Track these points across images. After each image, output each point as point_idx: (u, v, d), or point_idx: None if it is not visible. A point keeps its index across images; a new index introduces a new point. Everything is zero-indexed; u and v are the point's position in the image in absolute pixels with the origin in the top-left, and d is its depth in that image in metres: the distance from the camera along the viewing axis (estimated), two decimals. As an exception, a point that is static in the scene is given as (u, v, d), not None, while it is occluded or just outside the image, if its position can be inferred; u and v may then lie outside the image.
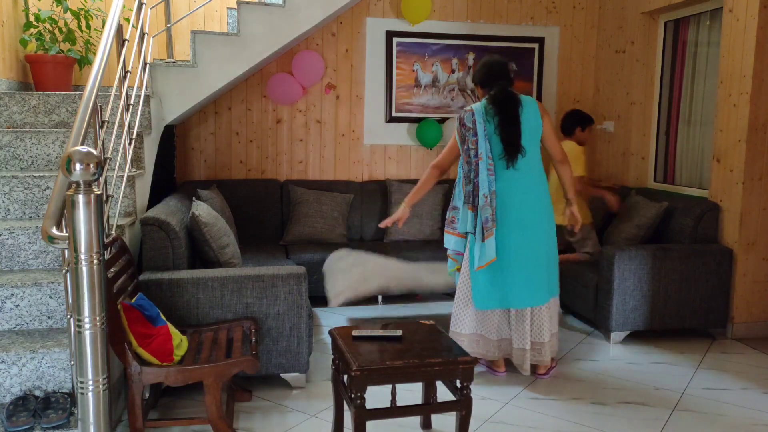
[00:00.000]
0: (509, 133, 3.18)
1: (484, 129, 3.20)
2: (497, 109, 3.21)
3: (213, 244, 3.30)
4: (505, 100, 3.23)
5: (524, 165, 3.22)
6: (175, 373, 2.48)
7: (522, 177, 3.23)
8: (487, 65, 3.37)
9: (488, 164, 3.19)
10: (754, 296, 4.02)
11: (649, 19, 4.91)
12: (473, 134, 3.22)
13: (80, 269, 1.82)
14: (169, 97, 4.05)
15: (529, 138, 3.22)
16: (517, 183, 3.23)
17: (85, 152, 1.81)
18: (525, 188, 3.24)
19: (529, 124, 3.23)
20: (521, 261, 3.24)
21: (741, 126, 3.91)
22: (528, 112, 3.24)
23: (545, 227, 3.30)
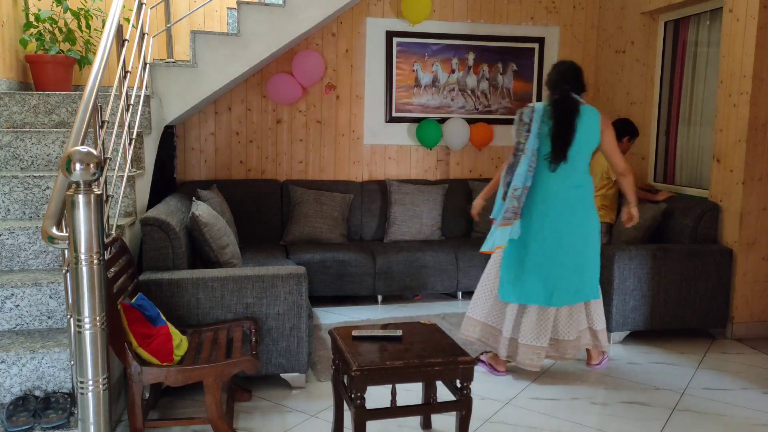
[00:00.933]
0: (559, 140, 3.22)
1: (538, 128, 3.25)
2: (554, 114, 3.25)
3: (213, 244, 3.30)
4: (564, 106, 3.26)
5: (565, 171, 3.26)
6: (175, 373, 2.48)
7: (561, 182, 3.27)
8: (557, 69, 3.39)
9: (531, 161, 3.24)
10: (754, 296, 4.02)
11: (649, 19, 4.92)
12: (527, 130, 3.27)
13: (80, 269, 1.82)
14: (169, 97, 4.05)
15: (579, 147, 3.24)
16: (556, 187, 3.27)
17: (85, 152, 1.80)
18: (561, 193, 3.27)
19: (582, 133, 3.24)
20: (539, 261, 3.27)
21: (741, 126, 3.91)
22: (586, 122, 3.25)
23: (578, 233, 3.30)
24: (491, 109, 5.51)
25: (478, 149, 5.52)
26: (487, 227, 3.48)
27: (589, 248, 3.34)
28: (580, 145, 3.24)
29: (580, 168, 3.29)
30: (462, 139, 5.32)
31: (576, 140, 3.22)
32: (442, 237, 5.11)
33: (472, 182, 5.29)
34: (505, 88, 5.52)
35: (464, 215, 5.24)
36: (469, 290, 4.80)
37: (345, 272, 4.52)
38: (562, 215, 3.27)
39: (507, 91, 5.52)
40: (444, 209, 5.15)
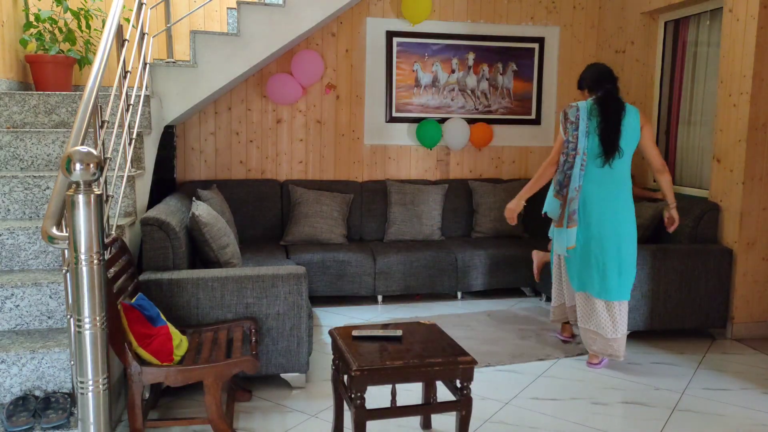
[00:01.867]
0: (610, 134, 3.34)
1: (586, 126, 3.37)
2: (601, 110, 3.37)
3: (213, 244, 3.30)
4: (611, 103, 3.39)
5: (617, 167, 3.40)
6: (175, 373, 2.48)
7: (611, 179, 3.41)
8: (596, 70, 3.52)
9: (582, 159, 3.38)
10: (754, 296, 4.02)
11: (649, 19, 4.92)
12: (575, 128, 3.39)
13: (80, 269, 1.82)
14: (169, 97, 4.05)
15: (625, 143, 3.38)
16: (606, 184, 3.41)
17: (85, 152, 1.80)
18: (611, 189, 3.42)
19: (627, 130, 3.38)
20: (588, 253, 3.45)
21: (741, 126, 3.91)
22: (629, 119, 3.40)
23: (623, 231, 3.43)
24: (491, 109, 5.51)
25: (478, 149, 5.52)
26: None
27: (630, 247, 3.46)
28: (626, 140, 3.38)
29: (626, 164, 3.43)
30: (462, 139, 5.32)
31: (622, 135, 3.36)
32: (442, 237, 5.11)
33: (472, 182, 5.29)
34: (505, 88, 5.52)
35: (464, 215, 5.24)
36: (469, 290, 4.81)
37: (345, 272, 4.52)
38: (612, 212, 3.42)
39: (507, 91, 5.52)
40: (444, 209, 5.15)
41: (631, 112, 3.42)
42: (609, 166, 3.38)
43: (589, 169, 3.41)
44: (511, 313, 4.48)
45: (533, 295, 4.97)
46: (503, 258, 4.76)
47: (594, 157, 3.38)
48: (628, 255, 3.44)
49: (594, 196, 3.42)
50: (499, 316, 4.40)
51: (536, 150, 5.64)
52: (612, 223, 3.41)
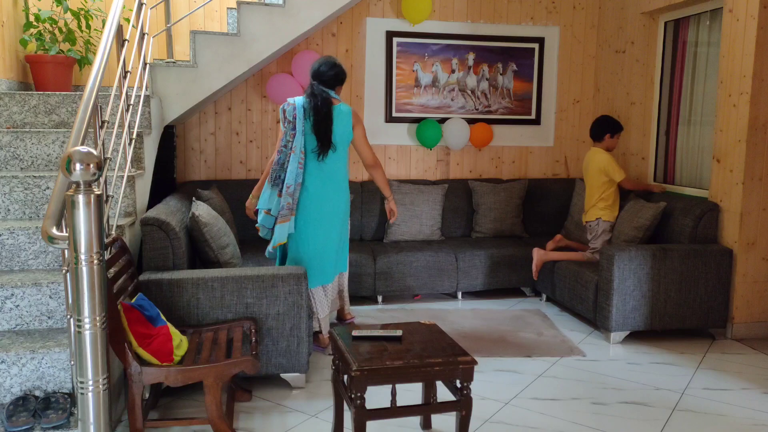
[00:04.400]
0: (323, 130, 3.55)
1: (302, 124, 3.55)
2: (312, 107, 3.56)
3: (213, 244, 3.30)
4: (319, 100, 3.56)
5: (330, 161, 3.60)
6: (175, 373, 2.48)
7: (327, 169, 3.61)
8: (312, 66, 3.70)
9: (300, 158, 3.54)
10: (754, 296, 4.02)
11: (649, 19, 4.92)
12: (292, 127, 3.58)
13: (80, 269, 1.82)
14: (169, 97, 4.05)
15: (338, 138, 3.60)
16: (323, 174, 3.61)
17: (85, 152, 1.81)
18: (328, 179, 3.62)
19: (339, 126, 3.60)
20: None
21: (741, 126, 3.91)
22: (340, 116, 3.61)
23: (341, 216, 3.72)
24: (491, 109, 5.51)
25: (478, 149, 5.52)
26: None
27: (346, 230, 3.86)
28: (338, 136, 3.60)
29: (342, 157, 3.67)
30: (462, 139, 5.31)
31: (335, 131, 3.57)
32: (442, 237, 5.11)
33: (472, 182, 5.29)
34: (505, 88, 5.52)
35: (464, 215, 5.24)
36: (468, 290, 4.80)
37: (345, 272, 4.52)
38: (331, 202, 3.71)
39: (507, 91, 5.52)
40: (444, 209, 5.15)
41: (343, 109, 3.62)
42: (323, 161, 3.59)
43: (308, 165, 3.59)
44: (511, 313, 4.48)
45: (533, 295, 4.97)
46: (503, 258, 4.76)
47: (310, 152, 3.57)
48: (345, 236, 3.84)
49: (313, 188, 3.61)
50: (499, 316, 4.40)
51: (536, 150, 5.65)
52: (332, 209, 3.68)
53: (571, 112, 5.67)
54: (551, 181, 5.48)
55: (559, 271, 4.47)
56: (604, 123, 4.54)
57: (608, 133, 4.52)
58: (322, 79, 3.60)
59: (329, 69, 3.61)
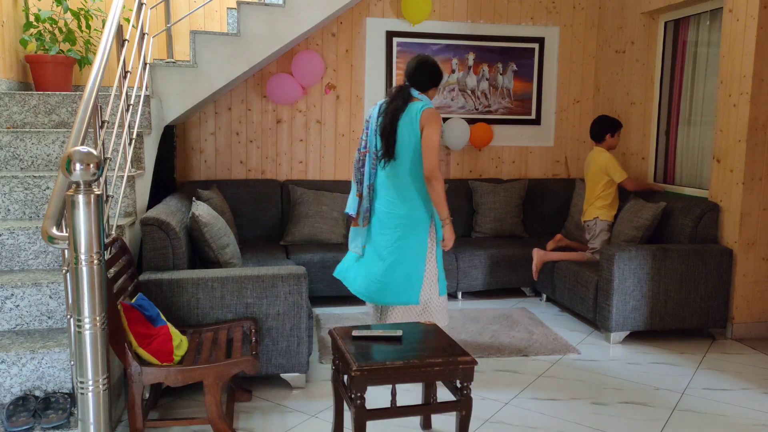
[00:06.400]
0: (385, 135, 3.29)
1: (375, 125, 3.36)
2: (384, 110, 3.32)
3: (213, 244, 3.30)
4: (391, 102, 3.31)
5: (396, 163, 3.30)
6: (175, 373, 2.48)
7: (392, 173, 3.32)
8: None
9: (373, 158, 3.38)
10: (754, 296, 4.02)
11: (649, 19, 4.92)
12: (366, 127, 3.43)
13: (80, 269, 1.82)
14: (169, 97, 4.05)
15: (402, 145, 3.26)
16: (388, 177, 3.34)
17: (85, 152, 1.80)
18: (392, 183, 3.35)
19: (403, 131, 3.25)
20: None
21: (741, 126, 3.91)
22: (406, 119, 3.25)
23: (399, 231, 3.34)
24: (491, 109, 5.51)
25: (478, 149, 5.52)
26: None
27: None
28: (402, 143, 3.26)
29: (405, 166, 3.29)
30: (462, 139, 5.31)
31: (398, 138, 3.25)
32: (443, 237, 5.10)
33: (472, 182, 5.29)
34: (505, 88, 5.52)
35: (464, 215, 5.24)
36: (469, 290, 4.80)
37: (345, 272, 4.51)
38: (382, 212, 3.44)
39: (507, 91, 5.52)
40: (444, 209, 5.15)
41: (412, 111, 3.23)
42: (386, 169, 3.32)
43: (377, 169, 3.39)
44: (511, 312, 4.48)
45: (533, 295, 4.97)
46: (503, 258, 4.76)
47: (378, 158, 3.34)
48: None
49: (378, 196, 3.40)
50: (499, 315, 4.40)
51: (536, 150, 5.64)
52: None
53: (571, 112, 5.67)
54: (551, 181, 5.48)
55: (559, 271, 4.47)
56: (603, 123, 4.55)
57: (608, 132, 4.52)
58: (411, 77, 3.33)
59: (416, 67, 3.32)
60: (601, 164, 4.43)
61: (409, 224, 3.30)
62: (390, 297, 3.34)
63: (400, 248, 3.31)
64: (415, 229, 3.31)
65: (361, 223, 3.43)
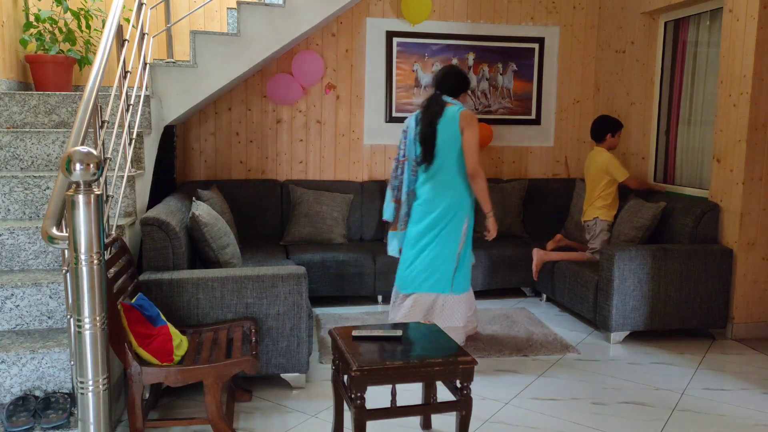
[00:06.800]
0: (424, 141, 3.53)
1: (413, 133, 3.61)
2: (421, 118, 3.58)
3: (213, 244, 3.30)
4: (428, 110, 3.57)
5: (438, 167, 3.54)
6: (175, 373, 2.48)
7: (434, 177, 3.57)
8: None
9: (413, 165, 3.63)
10: (754, 296, 4.02)
11: (649, 19, 4.92)
12: (404, 136, 3.67)
13: (80, 269, 1.82)
14: (169, 97, 4.05)
15: (443, 148, 3.51)
16: (430, 181, 3.58)
17: (85, 152, 1.80)
18: (436, 187, 3.58)
19: (443, 135, 3.50)
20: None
21: (741, 126, 3.91)
22: (444, 123, 3.50)
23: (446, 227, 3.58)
24: (491, 109, 5.51)
25: (478, 149, 5.52)
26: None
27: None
28: (443, 147, 3.50)
29: (447, 167, 3.54)
30: (462, 139, 5.31)
31: (438, 142, 3.49)
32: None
33: (472, 182, 5.28)
34: (505, 88, 5.52)
35: (464, 215, 5.23)
36: (469, 290, 4.80)
37: (345, 272, 4.52)
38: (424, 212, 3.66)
39: (507, 91, 5.52)
40: (444, 209, 5.15)
41: (450, 115, 3.48)
42: (427, 173, 3.56)
43: (418, 175, 3.62)
44: (511, 312, 4.48)
45: (533, 295, 4.97)
46: (503, 258, 4.76)
47: (418, 163, 3.58)
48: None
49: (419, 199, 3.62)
50: (499, 315, 4.40)
51: (536, 150, 5.64)
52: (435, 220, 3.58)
53: (571, 112, 5.67)
54: (551, 181, 5.48)
55: (559, 271, 4.47)
56: (604, 123, 4.55)
57: (609, 132, 4.52)
58: (442, 85, 3.62)
59: (445, 75, 3.62)
60: (602, 164, 4.43)
61: (448, 218, 3.54)
62: (427, 285, 3.59)
63: (441, 239, 3.56)
64: (454, 222, 3.56)
65: (400, 227, 3.65)
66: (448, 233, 3.55)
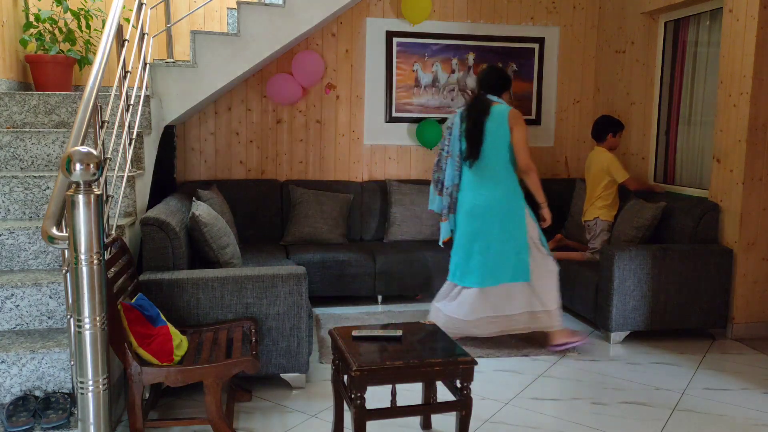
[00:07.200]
0: (472, 138, 3.63)
1: (458, 131, 3.70)
2: (467, 116, 3.68)
3: (213, 244, 3.30)
4: (475, 108, 3.67)
5: (485, 163, 3.65)
6: (175, 373, 2.48)
7: (481, 173, 3.67)
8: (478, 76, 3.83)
9: (456, 160, 3.71)
10: (754, 296, 4.02)
11: (649, 19, 4.92)
12: (449, 133, 3.76)
13: (80, 269, 1.82)
14: (169, 97, 4.05)
15: (490, 145, 3.61)
16: (477, 177, 3.69)
17: (85, 152, 1.81)
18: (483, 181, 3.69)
19: (491, 132, 3.61)
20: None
21: (741, 126, 3.91)
22: (493, 121, 3.61)
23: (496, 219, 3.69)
24: (491, 109, 5.51)
25: (478, 149, 5.52)
26: None
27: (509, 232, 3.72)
28: (490, 143, 3.61)
29: (493, 164, 3.65)
30: (462, 139, 5.31)
31: (485, 139, 3.60)
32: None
33: (472, 182, 5.28)
34: (505, 88, 5.51)
35: (464, 215, 5.23)
36: (469, 290, 4.80)
37: (345, 272, 4.52)
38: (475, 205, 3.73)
39: (507, 91, 5.52)
40: (444, 209, 5.15)
41: (497, 114, 3.61)
42: (474, 168, 3.66)
43: (462, 169, 3.72)
44: (511, 313, 4.47)
45: (533, 295, 4.96)
46: (503, 258, 4.75)
47: (463, 159, 3.69)
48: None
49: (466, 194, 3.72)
50: (499, 316, 4.39)
51: (536, 150, 5.64)
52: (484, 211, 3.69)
53: (571, 112, 5.67)
54: (551, 181, 5.47)
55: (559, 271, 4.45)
56: (605, 123, 4.55)
57: (610, 132, 4.52)
58: (486, 85, 3.73)
59: (489, 75, 3.74)
60: (603, 164, 4.43)
61: (508, 209, 3.68)
62: (506, 275, 3.66)
63: (506, 231, 3.67)
64: (514, 213, 3.69)
65: (446, 215, 3.81)
66: (509, 223, 3.67)
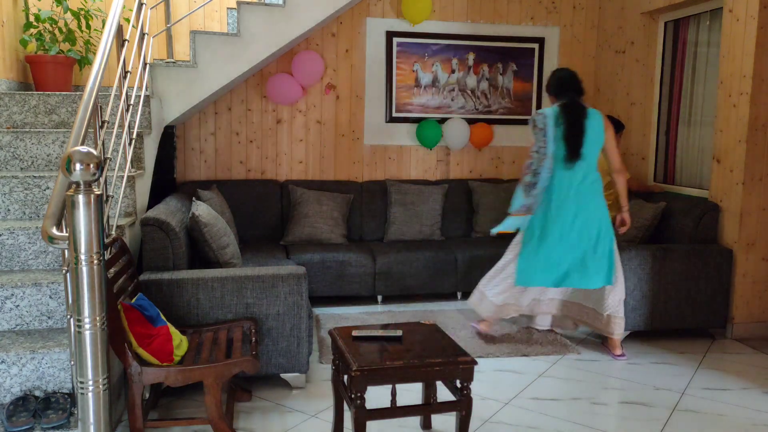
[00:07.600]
0: (573, 139, 3.57)
1: (553, 132, 3.60)
2: (565, 118, 3.59)
3: (213, 244, 3.30)
4: (573, 110, 3.62)
5: (580, 166, 3.60)
6: (175, 373, 2.48)
7: (576, 176, 3.61)
8: (557, 78, 3.75)
9: (550, 163, 3.62)
10: (754, 296, 4.02)
11: (649, 19, 4.92)
12: (543, 134, 3.62)
13: (80, 269, 1.82)
14: (169, 97, 4.05)
15: (589, 146, 3.58)
16: (569, 182, 3.61)
17: (85, 152, 1.80)
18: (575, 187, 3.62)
19: (591, 134, 3.59)
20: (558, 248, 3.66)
21: (741, 126, 3.91)
22: (592, 123, 3.60)
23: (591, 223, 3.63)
24: (491, 110, 5.51)
25: (478, 149, 5.52)
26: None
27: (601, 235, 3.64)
28: (590, 144, 3.58)
29: (592, 164, 3.62)
30: (462, 140, 5.32)
31: (586, 140, 3.56)
32: (442, 237, 5.11)
33: (472, 182, 5.29)
34: (505, 89, 5.52)
35: (464, 215, 5.24)
36: (469, 290, 4.78)
37: (345, 272, 4.52)
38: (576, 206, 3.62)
39: (507, 91, 5.52)
40: (444, 209, 5.15)
41: (594, 115, 3.62)
42: (573, 169, 3.59)
43: (558, 171, 3.62)
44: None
45: (533, 295, 4.96)
46: (503, 258, 4.75)
47: (559, 160, 3.59)
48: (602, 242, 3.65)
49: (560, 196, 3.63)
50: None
51: (536, 150, 5.64)
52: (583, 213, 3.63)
53: (571, 112, 5.66)
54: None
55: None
56: None
57: None
58: (573, 88, 3.68)
59: (575, 79, 3.71)
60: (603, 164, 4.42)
61: (603, 212, 3.65)
62: (598, 279, 3.63)
63: (605, 234, 3.63)
64: (605, 216, 3.66)
65: (530, 211, 3.71)
66: (608, 225, 3.65)
